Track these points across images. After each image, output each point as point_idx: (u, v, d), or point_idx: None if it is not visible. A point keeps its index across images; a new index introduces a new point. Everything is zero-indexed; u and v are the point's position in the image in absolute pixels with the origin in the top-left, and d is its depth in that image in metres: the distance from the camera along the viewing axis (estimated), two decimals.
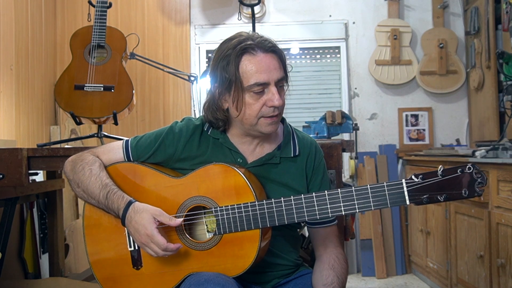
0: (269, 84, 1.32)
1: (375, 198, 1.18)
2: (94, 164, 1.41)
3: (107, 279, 1.40)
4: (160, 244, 1.25)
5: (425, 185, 1.14)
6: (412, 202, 1.15)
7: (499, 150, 2.43)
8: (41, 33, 3.68)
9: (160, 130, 1.47)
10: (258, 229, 1.27)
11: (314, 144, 1.49)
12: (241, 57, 1.33)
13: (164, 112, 3.99)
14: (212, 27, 4.07)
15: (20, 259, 2.60)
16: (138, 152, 1.44)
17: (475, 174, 1.12)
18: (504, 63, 2.58)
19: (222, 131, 1.43)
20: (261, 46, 1.33)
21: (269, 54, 1.34)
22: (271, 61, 1.33)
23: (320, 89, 4.09)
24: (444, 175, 1.13)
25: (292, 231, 1.47)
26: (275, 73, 1.33)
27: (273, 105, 1.32)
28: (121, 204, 1.32)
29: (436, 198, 1.13)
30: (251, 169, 1.40)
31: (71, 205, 3.48)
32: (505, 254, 2.31)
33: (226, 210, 1.29)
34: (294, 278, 1.43)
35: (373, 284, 3.61)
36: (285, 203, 1.25)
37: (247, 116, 1.34)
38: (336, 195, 1.21)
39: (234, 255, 1.29)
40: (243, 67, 1.32)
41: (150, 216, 1.27)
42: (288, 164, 1.43)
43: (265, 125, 1.35)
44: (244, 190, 1.29)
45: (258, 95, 1.33)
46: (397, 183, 1.17)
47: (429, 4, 4.01)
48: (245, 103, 1.33)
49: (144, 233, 1.26)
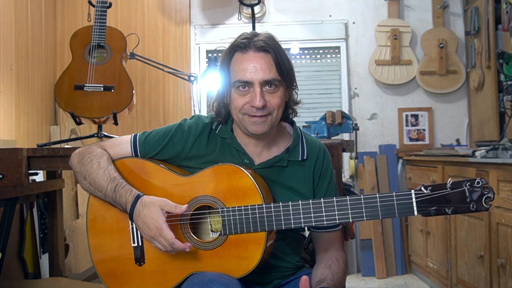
0: (253, 84, 1.32)
1: (383, 208, 1.17)
2: (102, 157, 1.40)
3: (108, 275, 1.40)
4: (168, 238, 1.24)
5: (434, 197, 1.14)
6: (420, 213, 1.14)
7: (499, 150, 2.43)
8: (41, 33, 3.68)
9: (169, 126, 1.47)
10: (264, 231, 1.27)
11: (323, 148, 1.49)
12: (233, 54, 1.36)
13: (164, 112, 3.99)
14: (212, 27, 4.07)
15: (20, 259, 2.60)
16: (146, 147, 1.44)
17: (484, 189, 1.12)
18: (504, 63, 2.58)
19: (230, 130, 1.43)
20: (254, 45, 1.33)
21: (260, 53, 1.33)
22: (259, 61, 1.32)
23: (320, 89, 4.09)
24: (453, 188, 1.13)
25: (295, 234, 1.47)
26: (261, 73, 1.31)
27: (253, 105, 1.32)
28: (129, 198, 1.31)
29: (444, 211, 1.13)
30: (258, 171, 1.39)
31: (71, 205, 3.48)
32: (505, 254, 2.31)
33: (233, 211, 1.28)
34: (295, 279, 1.43)
35: (373, 284, 3.61)
36: (292, 208, 1.24)
37: (233, 110, 1.37)
38: (345, 202, 1.20)
39: (239, 256, 1.28)
40: (232, 64, 1.36)
41: (158, 209, 1.27)
42: (296, 168, 1.42)
43: (249, 124, 1.35)
44: (251, 192, 1.28)
45: (243, 92, 1.34)
46: (406, 193, 1.16)
47: (429, 4, 4.01)
48: (231, 98, 1.37)
49: (153, 226, 1.26)
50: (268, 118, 1.34)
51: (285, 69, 1.35)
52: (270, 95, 1.34)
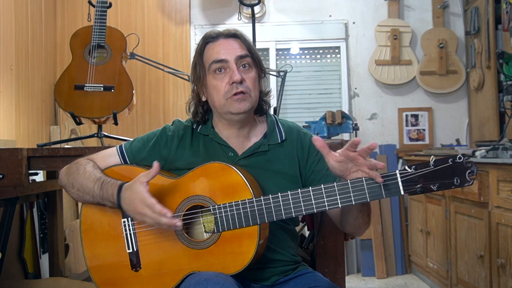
0: (227, 62, 1.38)
1: (370, 190, 1.19)
2: (88, 164, 1.43)
3: (105, 283, 1.40)
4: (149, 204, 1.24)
5: (418, 175, 1.16)
6: (406, 192, 1.17)
7: (499, 150, 2.43)
8: (41, 33, 3.68)
9: (152, 132, 1.51)
10: (256, 225, 1.27)
11: (298, 127, 1.53)
12: (204, 46, 1.43)
13: (164, 112, 4.00)
14: (212, 27, 4.06)
15: (20, 259, 2.60)
16: (133, 153, 1.47)
17: (466, 164, 1.14)
18: (504, 63, 2.59)
19: (211, 127, 1.47)
20: (223, 33, 1.43)
21: (230, 38, 1.42)
22: (230, 43, 1.41)
23: (320, 89, 4.09)
24: (436, 165, 1.15)
25: (289, 226, 1.48)
26: (234, 51, 1.39)
27: (233, 80, 1.37)
28: (115, 190, 1.33)
29: (429, 187, 1.15)
30: (243, 161, 1.42)
31: (71, 205, 3.48)
32: (505, 254, 2.31)
33: (224, 207, 1.29)
34: (294, 277, 1.43)
35: (373, 284, 3.61)
36: (282, 199, 1.25)
37: (216, 99, 1.40)
38: (332, 188, 1.22)
39: (233, 252, 1.29)
40: (205, 54, 1.43)
41: (137, 184, 1.28)
42: (277, 150, 1.46)
43: (233, 104, 1.38)
44: (241, 188, 1.30)
45: (219, 75, 1.39)
46: (391, 173, 1.18)
47: (429, 4, 4.01)
48: (211, 86, 1.41)
49: (138, 200, 1.26)
50: (247, 96, 1.39)
51: (254, 53, 1.43)
52: (245, 74, 1.40)
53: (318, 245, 1.81)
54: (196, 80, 1.45)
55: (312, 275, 1.43)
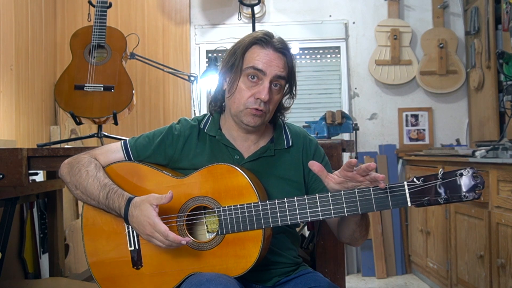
0: (264, 75, 1.36)
1: (377, 200, 1.18)
2: (90, 165, 1.41)
3: (105, 279, 1.39)
4: (162, 231, 1.24)
5: (426, 188, 1.15)
6: (413, 204, 1.16)
7: (499, 150, 2.43)
8: (41, 33, 3.68)
9: (158, 129, 1.49)
10: (261, 229, 1.27)
11: (304, 133, 1.53)
12: (251, 46, 1.40)
13: (164, 112, 4.00)
14: (212, 27, 4.07)
15: (20, 259, 2.60)
16: (137, 150, 1.45)
17: (474, 178, 1.14)
18: (504, 63, 2.58)
19: (218, 128, 1.46)
20: (273, 44, 1.39)
21: (278, 53, 1.39)
22: (276, 58, 1.38)
23: (320, 89, 4.09)
24: (444, 178, 1.15)
25: (291, 229, 1.47)
26: (275, 68, 1.37)
27: (259, 97, 1.35)
28: (122, 203, 1.32)
29: (437, 201, 1.15)
30: (248, 164, 1.41)
31: (71, 205, 3.48)
32: (505, 254, 2.31)
33: (229, 210, 1.28)
34: (294, 278, 1.43)
35: (373, 284, 3.61)
36: (288, 204, 1.25)
37: (236, 100, 1.39)
38: (339, 196, 1.21)
39: (236, 255, 1.29)
40: (249, 53, 1.39)
41: (147, 205, 1.27)
42: (283, 156, 1.46)
43: (248, 115, 1.38)
44: (247, 191, 1.29)
45: (251, 83, 1.37)
46: (399, 185, 1.17)
47: (429, 4, 4.01)
48: (238, 87, 1.39)
49: (147, 223, 1.26)
50: (263, 114, 1.39)
51: (292, 75, 1.43)
52: (273, 94, 1.39)
53: (318, 245, 1.81)
54: (228, 67, 1.42)
55: (313, 275, 1.43)
